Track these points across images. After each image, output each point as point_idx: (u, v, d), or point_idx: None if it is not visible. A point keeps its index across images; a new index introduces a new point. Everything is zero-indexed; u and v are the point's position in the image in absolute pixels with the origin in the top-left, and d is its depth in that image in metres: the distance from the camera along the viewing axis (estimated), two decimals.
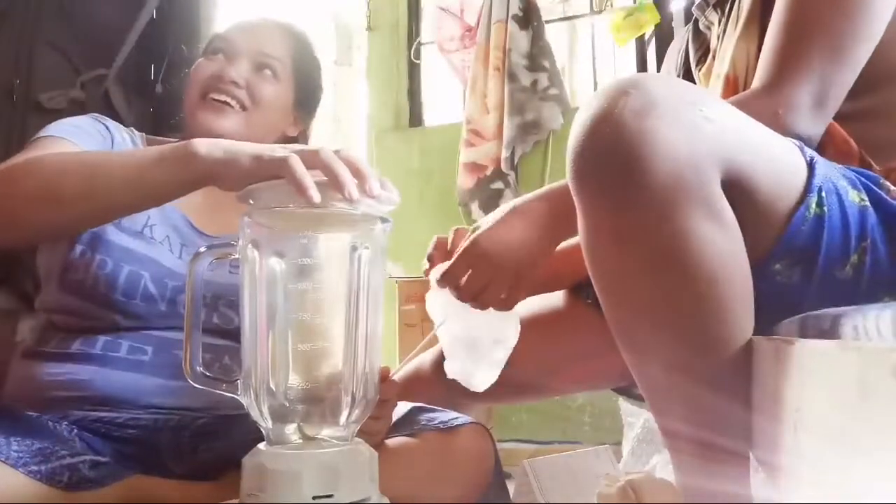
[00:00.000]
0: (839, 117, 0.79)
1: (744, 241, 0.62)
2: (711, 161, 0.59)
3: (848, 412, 0.45)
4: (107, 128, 0.95)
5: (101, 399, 0.83)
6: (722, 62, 0.93)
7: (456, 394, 0.98)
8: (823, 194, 0.65)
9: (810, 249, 0.65)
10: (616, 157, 0.58)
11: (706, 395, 0.63)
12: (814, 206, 0.64)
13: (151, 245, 0.89)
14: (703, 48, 1.05)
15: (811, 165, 0.66)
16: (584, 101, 0.64)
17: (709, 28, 1.03)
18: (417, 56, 3.12)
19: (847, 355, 0.46)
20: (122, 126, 0.99)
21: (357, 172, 0.64)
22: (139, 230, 0.89)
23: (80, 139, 0.88)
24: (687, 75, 1.07)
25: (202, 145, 0.70)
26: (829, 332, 0.54)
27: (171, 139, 1.05)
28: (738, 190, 0.61)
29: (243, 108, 0.97)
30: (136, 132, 1.00)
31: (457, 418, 0.89)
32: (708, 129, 0.59)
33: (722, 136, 0.60)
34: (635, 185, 0.58)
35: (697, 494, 0.67)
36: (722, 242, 0.60)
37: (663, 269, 0.61)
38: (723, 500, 0.65)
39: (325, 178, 0.64)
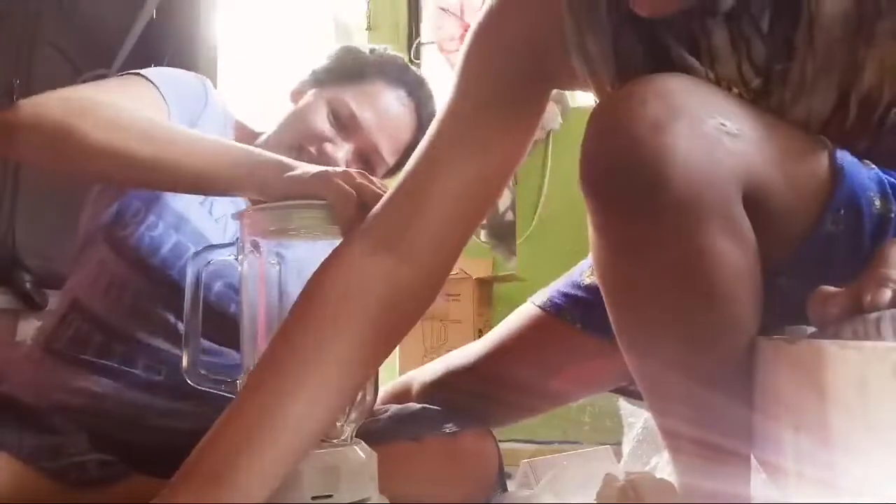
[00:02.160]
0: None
1: None
2: (732, 179, 0.57)
3: (848, 412, 0.45)
4: (206, 92, 0.94)
5: (112, 415, 0.82)
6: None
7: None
8: (842, 212, 0.62)
9: (821, 266, 0.63)
10: (633, 174, 0.56)
11: (708, 395, 0.63)
12: (829, 224, 0.62)
13: (207, 220, 0.88)
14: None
15: (837, 177, 0.63)
16: (597, 105, 0.62)
17: None
18: (417, 56, 3.11)
19: (847, 355, 0.46)
20: (218, 97, 0.97)
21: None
22: (201, 200, 0.88)
23: (170, 90, 0.87)
24: None
25: (272, 170, 0.71)
26: (829, 332, 0.54)
27: (256, 132, 1.02)
28: (754, 204, 0.59)
29: None
30: (228, 111, 0.99)
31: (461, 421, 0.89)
32: (730, 146, 0.57)
33: (744, 152, 0.58)
34: (652, 201, 0.56)
35: (698, 494, 0.67)
36: (739, 259, 0.59)
37: (677, 285, 0.59)
38: (723, 501, 0.65)
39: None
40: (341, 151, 0.94)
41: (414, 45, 3.11)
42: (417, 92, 1.03)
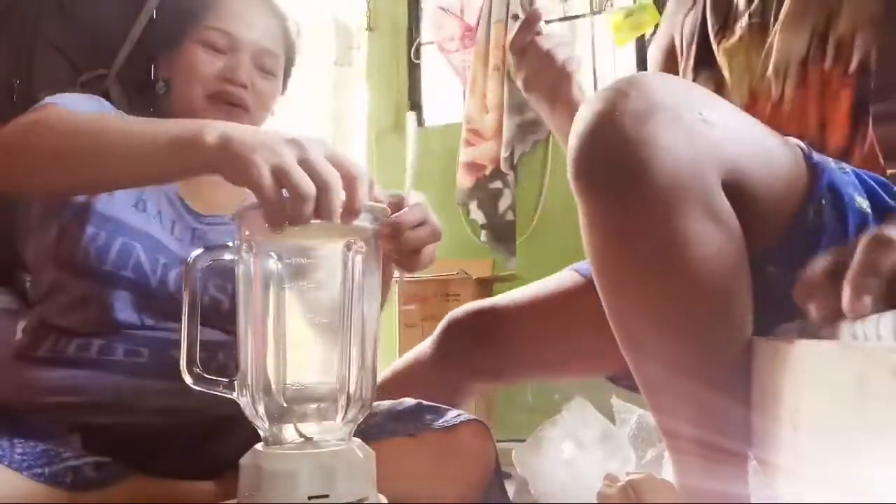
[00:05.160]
0: (874, 118, 0.77)
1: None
2: (712, 166, 0.59)
3: (848, 412, 0.45)
4: (101, 109, 0.95)
5: (99, 404, 0.82)
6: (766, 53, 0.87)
7: (454, 380, 1.00)
8: (824, 202, 0.64)
9: (806, 255, 0.64)
10: (617, 163, 0.59)
11: (706, 393, 0.63)
12: (812, 213, 0.64)
13: (144, 218, 0.89)
14: (723, 16, 0.98)
15: (815, 171, 0.66)
16: (585, 101, 0.64)
17: None
18: (417, 56, 3.11)
19: (847, 355, 0.46)
20: (111, 108, 0.99)
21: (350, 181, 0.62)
22: (133, 203, 0.89)
23: (81, 108, 0.88)
24: (701, 45, 1.02)
25: (212, 134, 0.65)
26: (829, 333, 0.54)
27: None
28: (736, 192, 0.61)
29: (247, 109, 0.98)
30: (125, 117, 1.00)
31: (459, 416, 0.89)
32: (708, 134, 0.59)
33: (722, 140, 0.60)
34: (637, 189, 0.58)
35: (697, 494, 0.67)
36: (723, 243, 0.60)
37: (665, 270, 0.61)
38: (723, 500, 0.65)
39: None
40: (242, 68, 0.97)
41: (414, 45, 3.11)
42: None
